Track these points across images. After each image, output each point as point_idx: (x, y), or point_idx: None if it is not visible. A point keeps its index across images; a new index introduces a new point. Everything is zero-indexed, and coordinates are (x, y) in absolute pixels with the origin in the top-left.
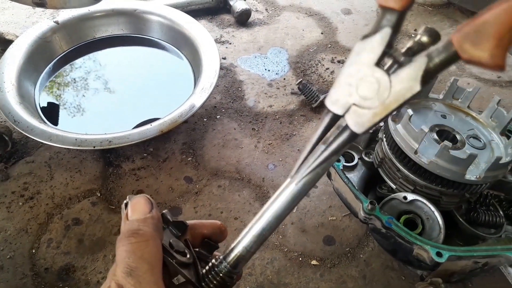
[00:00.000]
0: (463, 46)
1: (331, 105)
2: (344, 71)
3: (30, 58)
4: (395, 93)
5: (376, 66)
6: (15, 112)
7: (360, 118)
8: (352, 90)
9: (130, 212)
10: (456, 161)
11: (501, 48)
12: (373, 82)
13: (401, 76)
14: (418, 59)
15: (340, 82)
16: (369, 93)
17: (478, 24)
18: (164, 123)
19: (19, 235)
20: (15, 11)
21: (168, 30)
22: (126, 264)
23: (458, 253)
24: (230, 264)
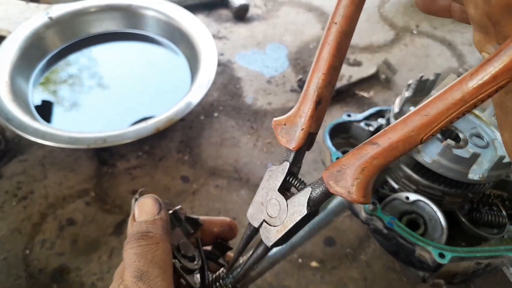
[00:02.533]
0: (329, 183)
1: (250, 218)
2: (258, 192)
3: (24, 55)
4: (290, 215)
5: (279, 191)
6: (8, 110)
7: (268, 233)
8: (263, 209)
9: (138, 213)
10: (459, 160)
11: (357, 186)
12: (276, 204)
13: (294, 201)
14: (305, 189)
15: (256, 201)
16: (274, 213)
17: (339, 165)
18: (160, 121)
19: (12, 235)
20: (8, 6)
21: (164, 25)
22: (136, 268)
23: (461, 254)
24: (236, 280)
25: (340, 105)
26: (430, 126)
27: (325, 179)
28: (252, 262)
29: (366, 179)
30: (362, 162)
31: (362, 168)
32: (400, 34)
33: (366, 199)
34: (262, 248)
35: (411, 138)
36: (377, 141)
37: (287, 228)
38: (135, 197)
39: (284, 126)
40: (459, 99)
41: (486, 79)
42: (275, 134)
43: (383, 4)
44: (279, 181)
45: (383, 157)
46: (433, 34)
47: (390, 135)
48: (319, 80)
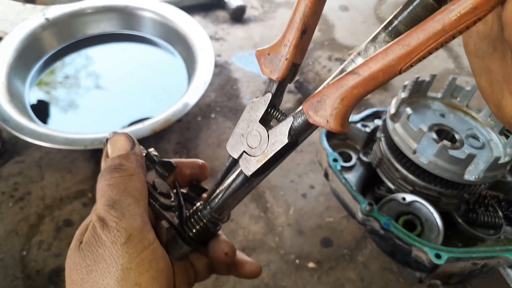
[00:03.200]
0: (309, 113)
1: (229, 150)
2: (239, 124)
3: (20, 56)
4: (271, 144)
5: (260, 122)
6: (4, 111)
7: (248, 163)
8: (243, 140)
9: (110, 149)
10: (455, 161)
11: (335, 116)
12: (257, 135)
13: (275, 131)
14: (287, 119)
15: (236, 133)
16: (254, 144)
17: (319, 96)
18: (157, 122)
19: (9, 236)
20: (4, 8)
21: (161, 26)
22: (108, 197)
23: (457, 254)
24: (214, 210)
25: None
26: (410, 56)
27: (305, 110)
28: (230, 191)
29: (344, 109)
30: (342, 92)
31: (342, 98)
32: None
33: (344, 128)
34: (242, 178)
35: (391, 68)
36: (357, 71)
37: (267, 157)
38: (106, 137)
39: (268, 56)
40: (439, 30)
41: (466, 10)
42: (258, 64)
43: (379, 6)
44: (260, 112)
45: (363, 87)
46: None
47: (371, 65)
48: (305, 8)
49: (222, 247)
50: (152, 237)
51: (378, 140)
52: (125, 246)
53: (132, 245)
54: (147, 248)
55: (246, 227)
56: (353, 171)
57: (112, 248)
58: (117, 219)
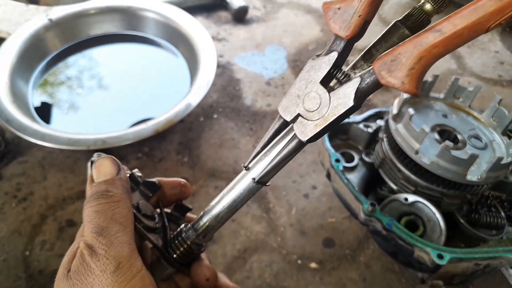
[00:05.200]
0: (381, 73)
1: (281, 111)
2: (295, 84)
3: (23, 56)
4: (332, 108)
5: (321, 83)
6: (8, 111)
7: (304, 127)
8: (299, 102)
9: (96, 174)
10: (457, 161)
11: (411, 77)
12: (316, 97)
13: (338, 93)
14: (353, 80)
15: (290, 93)
16: (312, 106)
17: (393, 54)
18: (159, 122)
19: (12, 236)
20: (8, 8)
21: (164, 27)
22: (96, 224)
23: (459, 255)
24: (198, 232)
25: None
26: (503, 11)
27: (376, 69)
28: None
29: (421, 69)
30: (421, 50)
31: (420, 58)
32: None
33: (418, 90)
34: (295, 143)
35: (479, 25)
36: (439, 28)
37: (327, 121)
38: (91, 160)
39: (338, 10)
40: None
41: None
42: (325, 19)
43: (382, 6)
44: (322, 73)
45: (444, 46)
46: None
47: (456, 22)
48: None
49: (204, 272)
50: (140, 265)
51: (381, 140)
52: (115, 274)
53: (122, 274)
54: (136, 275)
55: (248, 227)
56: (355, 172)
57: (102, 276)
58: (106, 247)
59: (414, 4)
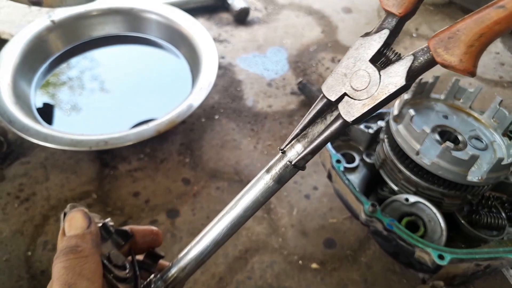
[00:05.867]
0: (437, 50)
1: (326, 91)
2: (342, 62)
3: (26, 58)
4: (382, 87)
5: (370, 62)
6: (11, 112)
7: (351, 107)
8: (346, 80)
9: (67, 227)
10: (458, 162)
11: (470, 55)
12: (365, 76)
13: (389, 72)
14: (406, 58)
15: (337, 72)
16: (361, 85)
17: (451, 31)
18: (161, 123)
19: (14, 237)
20: (11, 10)
21: (166, 28)
22: (64, 281)
23: (460, 255)
24: (167, 283)
25: None
26: None
27: (432, 47)
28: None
29: (481, 47)
30: (482, 27)
31: (480, 35)
32: (400, 37)
33: (475, 69)
34: (339, 124)
35: None
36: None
37: (376, 101)
38: (64, 211)
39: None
40: None
41: None
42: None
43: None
44: (372, 51)
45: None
46: None
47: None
48: None
49: None
50: None
51: (381, 141)
52: None
53: None
54: None
55: (250, 228)
56: (356, 172)
57: None
58: None
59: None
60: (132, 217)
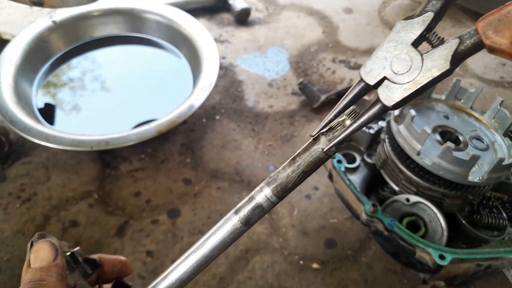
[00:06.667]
0: (486, 33)
1: (364, 75)
2: (382, 46)
3: (27, 58)
4: (425, 71)
5: (412, 45)
6: (12, 113)
7: (390, 92)
8: (386, 64)
9: (33, 259)
10: (459, 162)
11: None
12: (406, 60)
13: (433, 56)
14: (451, 41)
15: (376, 55)
16: (402, 69)
17: (502, 13)
18: (162, 123)
19: (16, 237)
20: (12, 10)
21: (167, 29)
22: None
23: (461, 255)
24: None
25: None
26: None
27: (481, 29)
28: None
29: None
30: None
31: None
32: None
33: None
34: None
35: None
36: None
37: (418, 85)
38: (31, 240)
39: None
40: None
41: None
42: None
43: (383, 8)
44: (415, 34)
45: None
46: None
47: None
48: None
49: None
50: None
51: (382, 141)
52: None
53: None
54: None
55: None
56: (357, 173)
57: None
58: None
59: (416, 7)
60: (133, 217)
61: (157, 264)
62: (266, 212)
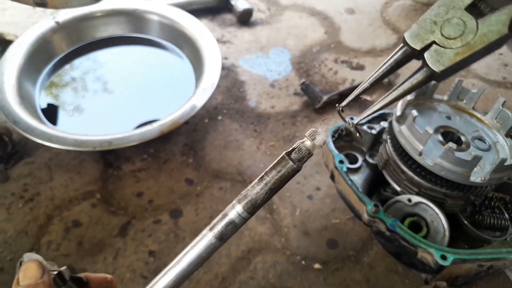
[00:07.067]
0: None
1: (410, 39)
2: (432, 11)
3: (31, 59)
4: (481, 35)
5: (466, 10)
6: (15, 113)
7: (440, 56)
8: (436, 28)
9: (22, 277)
10: (461, 163)
11: None
12: (459, 24)
13: (489, 20)
14: (508, 6)
15: (424, 19)
16: (454, 34)
17: None
18: (164, 124)
19: (19, 236)
20: (16, 11)
21: (169, 29)
22: None
23: (463, 256)
24: None
25: (342, 109)
26: None
27: None
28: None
29: None
30: None
31: None
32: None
33: None
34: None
35: None
36: None
37: (473, 50)
38: (20, 260)
39: None
40: None
41: None
42: None
43: (385, 9)
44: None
45: None
46: None
47: None
48: None
49: None
50: None
51: (384, 142)
52: None
53: None
54: None
55: (253, 228)
56: (359, 173)
57: None
58: None
59: (418, 7)
60: (136, 217)
61: (159, 264)
62: (239, 227)
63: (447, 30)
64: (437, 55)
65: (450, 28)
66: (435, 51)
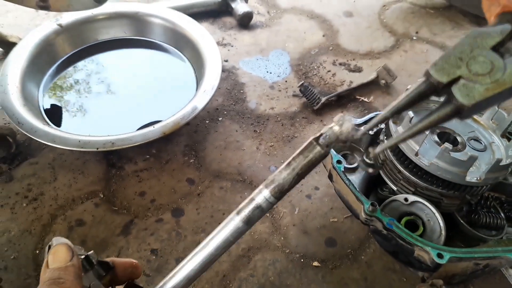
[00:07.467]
0: None
1: (435, 72)
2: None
3: (34, 61)
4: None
5: (492, 50)
6: (19, 114)
7: (470, 91)
8: (462, 64)
9: (51, 260)
10: (456, 163)
11: None
12: (486, 62)
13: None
14: None
15: (449, 55)
16: (481, 71)
17: None
18: (166, 125)
19: (23, 236)
20: (18, 13)
21: (170, 32)
22: None
23: (459, 254)
24: None
25: (341, 110)
26: None
27: None
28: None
29: None
30: None
31: None
32: (400, 40)
33: None
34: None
35: None
36: None
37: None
38: (49, 244)
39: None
40: None
41: None
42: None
43: (383, 11)
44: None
45: None
46: (432, 40)
47: None
48: None
49: None
50: None
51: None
52: None
53: None
54: None
55: (253, 227)
56: (356, 173)
57: None
58: None
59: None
60: (138, 216)
61: (161, 262)
62: (265, 212)
63: (473, 67)
64: (466, 89)
65: (477, 65)
66: (464, 86)
